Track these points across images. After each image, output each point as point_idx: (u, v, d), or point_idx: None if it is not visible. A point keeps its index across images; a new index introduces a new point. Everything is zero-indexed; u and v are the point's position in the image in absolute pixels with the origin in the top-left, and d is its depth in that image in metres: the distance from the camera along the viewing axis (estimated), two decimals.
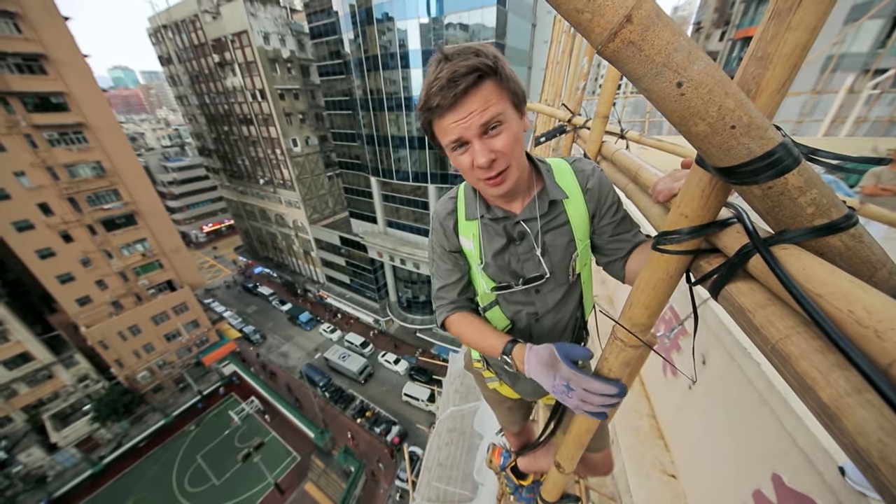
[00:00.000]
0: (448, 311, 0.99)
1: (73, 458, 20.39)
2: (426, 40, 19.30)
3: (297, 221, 32.27)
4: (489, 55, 0.66)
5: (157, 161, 44.28)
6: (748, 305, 0.38)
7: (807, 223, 0.36)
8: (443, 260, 0.98)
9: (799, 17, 0.33)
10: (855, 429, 0.26)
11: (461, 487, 3.60)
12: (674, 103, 0.35)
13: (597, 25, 0.34)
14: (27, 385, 20.70)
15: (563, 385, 0.68)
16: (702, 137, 0.36)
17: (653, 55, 0.34)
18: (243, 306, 33.49)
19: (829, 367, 0.29)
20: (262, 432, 21.63)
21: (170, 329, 24.63)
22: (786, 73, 0.35)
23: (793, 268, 0.34)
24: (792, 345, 0.32)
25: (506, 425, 1.43)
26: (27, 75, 18.01)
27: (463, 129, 0.67)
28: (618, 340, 0.62)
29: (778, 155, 0.34)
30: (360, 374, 23.34)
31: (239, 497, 18.25)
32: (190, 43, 30.46)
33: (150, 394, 24.16)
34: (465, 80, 0.63)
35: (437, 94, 0.64)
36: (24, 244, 18.67)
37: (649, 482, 2.19)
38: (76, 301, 20.99)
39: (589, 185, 0.86)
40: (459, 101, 0.65)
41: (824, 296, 0.31)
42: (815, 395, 0.29)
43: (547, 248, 0.88)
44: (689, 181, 0.45)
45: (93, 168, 20.88)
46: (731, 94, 0.34)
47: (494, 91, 0.66)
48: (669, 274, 0.51)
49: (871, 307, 0.28)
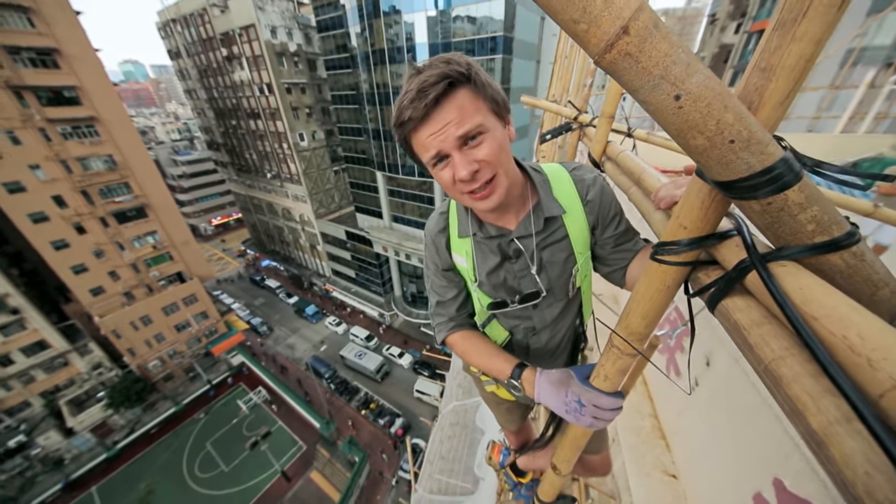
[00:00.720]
0: (448, 330, 0.97)
1: (89, 443, 21.13)
2: (433, 33, 19.09)
3: (304, 215, 32.52)
4: (461, 63, 0.61)
5: (166, 155, 44.87)
6: (744, 322, 0.38)
7: (807, 240, 0.35)
8: (437, 277, 0.96)
9: (804, 28, 0.31)
10: (842, 459, 0.25)
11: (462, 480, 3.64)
12: (671, 116, 0.34)
13: (593, 36, 0.33)
14: (44, 371, 21.42)
15: (574, 402, 0.68)
16: (700, 151, 0.35)
17: (650, 67, 0.33)
18: (251, 298, 34.04)
19: (820, 393, 0.28)
20: (269, 421, 22.12)
21: (180, 320, 25.18)
22: (789, 86, 0.34)
23: (789, 286, 0.34)
24: (785, 366, 0.31)
25: (504, 424, 1.44)
26: (41, 69, 18.30)
27: (440, 141, 0.62)
28: (615, 348, 0.62)
29: (778, 171, 0.33)
30: (377, 373, 23.25)
31: (247, 483, 18.75)
32: (198, 37, 30.59)
33: (161, 382, 24.82)
34: (434, 88, 0.59)
35: (409, 106, 0.60)
36: (40, 235, 19.16)
37: (650, 482, 2.19)
38: (90, 291, 21.54)
39: (589, 196, 0.82)
40: (432, 112, 0.61)
41: (820, 318, 0.30)
42: (804, 421, 0.29)
43: (544, 264, 0.84)
44: (689, 192, 0.44)
45: (105, 161, 21.24)
46: (730, 107, 0.33)
47: (470, 99, 0.62)
48: (667, 285, 0.50)
49: (865, 334, 0.27)
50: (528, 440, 1.60)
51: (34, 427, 20.89)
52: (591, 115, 1.89)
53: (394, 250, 25.75)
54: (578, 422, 0.70)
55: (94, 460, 20.06)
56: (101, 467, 20.14)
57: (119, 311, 22.12)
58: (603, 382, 0.67)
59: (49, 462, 19.88)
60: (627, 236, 0.84)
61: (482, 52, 18.94)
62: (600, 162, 1.41)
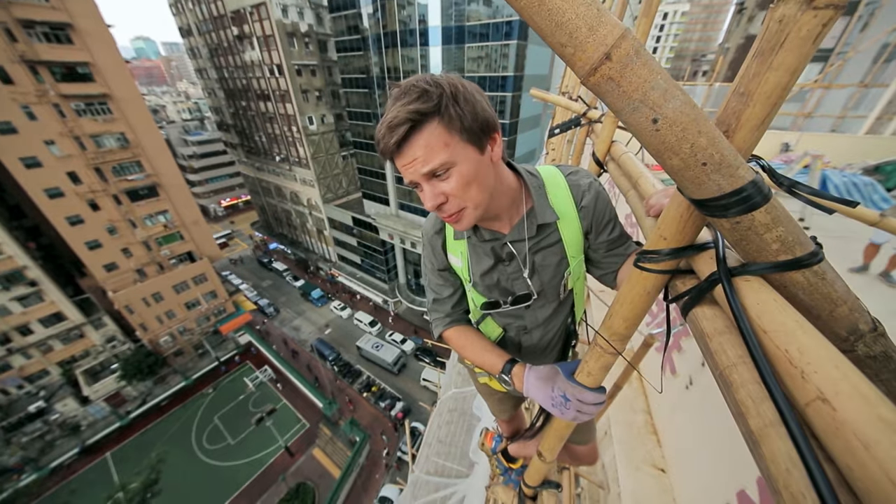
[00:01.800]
0: (444, 326, 1.01)
1: (103, 411, 22.16)
2: (447, 16, 18.61)
3: (311, 200, 32.67)
4: (432, 95, 0.60)
5: (177, 134, 45.08)
6: (708, 330, 0.41)
7: (771, 258, 0.38)
8: (434, 276, 0.99)
9: (780, 58, 0.33)
10: (770, 456, 0.29)
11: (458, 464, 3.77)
12: (650, 137, 0.37)
13: (579, 59, 0.36)
14: (61, 342, 22.35)
15: (560, 397, 0.72)
16: (675, 170, 0.38)
17: (630, 91, 0.35)
18: (258, 280, 34.69)
19: (761, 398, 0.31)
20: (273, 399, 22.89)
21: (190, 298, 25.87)
22: (765, 111, 0.36)
23: (749, 301, 0.36)
24: (736, 373, 0.34)
25: (497, 414, 1.50)
26: (55, 44, 18.37)
27: (409, 173, 0.66)
28: (598, 347, 0.65)
29: (746, 193, 0.36)
30: (394, 365, 22.89)
31: (252, 456, 19.59)
32: (209, 14, 30.24)
33: (171, 357, 25.72)
34: (398, 130, 0.60)
35: (381, 139, 0.63)
36: (56, 210, 19.64)
37: (638, 475, 2.25)
38: (104, 267, 22.17)
39: (584, 202, 0.83)
40: (401, 148, 0.63)
41: (769, 332, 0.33)
42: (745, 422, 0.31)
43: (536, 267, 0.87)
44: (671, 205, 0.47)
45: (117, 139, 21.49)
46: (704, 132, 0.35)
47: (437, 135, 0.62)
48: (647, 290, 0.53)
49: (804, 348, 0.30)
50: (519, 429, 1.66)
51: (53, 394, 21.96)
52: (600, 111, 1.87)
53: (399, 238, 25.86)
54: (563, 415, 0.74)
55: (109, 428, 21.10)
56: (114, 435, 21.20)
57: (131, 287, 22.80)
58: (587, 378, 0.71)
59: (67, 427, 20.96)
60: (620, 241, 0.86)
61: (497, 36, 18.43)
62: (604, 161, 1.42)
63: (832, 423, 0.25)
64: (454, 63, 19.69)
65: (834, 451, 0.26)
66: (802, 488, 0.25)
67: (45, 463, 19.15)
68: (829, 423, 0.26)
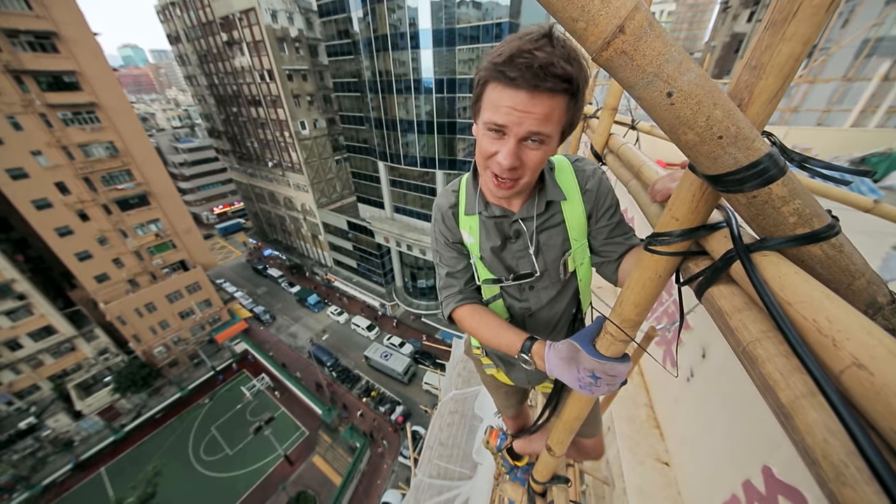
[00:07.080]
0: (456, 302, 0.97)
1: (97, 425, 21.67)
2: (437, 19, 18.67)
3: (306, 205, 32.48)
4: (584, 75, 0.61)
5: (167, 142, 44.58)
6: (727, 308, 0.40)
7: (788, 231, 0.37)
8: (447, 249, 1.00)
9: (793, 28, 0.33)
10: (804, 428, 0.28)
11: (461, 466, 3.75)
12: (664, 112, 0.36)
13: (591, 34, 0.35)
14: (52, 356, 21.82)
15: (588, 376, 0.67)
16: (690, 146, 0.37)
17: (644, 65, 0.34)
18: (253, 287, 34.30)
19: (790, 371, 0.31)
20: (272, 407, 22.57)
21: (184, 307, 25.46)
22: (778, 84, 0.35)
23: (769, 275, 0.36)
24: (761, 348, 0.34)
25: (502, 409, 1.48)
26: (40, 53, 18.08)
27: (511, 119, 0.62)
28: (608, 335, 0.64)
29: (763, 165, 0.35)
30: (404, 374, 22.13)
31: (251, 466, 19.27)
32: (198, 20, 30.03)
33: (166, 368, 25.27)
34: (553, 81, 0.57)
35: (521, 67, 0.56)
36: (44, 222, 19.24)
37: (643, 469, 2.25)
38: (94, 278, 21.74)
39: (588, 185, 0.86)
40: (533, 93, 0.58)
41: (794, 304, 0.32)
42: (774, 396, 0.31)
43: (541, 247, 0.89)
44: (682, 185, 0.46)
45: (106, 148, 21.16)
46: (719, 104, 0.34)
47: (562, 110, 0.62)
48: (659, 274, 0.53)
49: (833, 317, 0.29)
50: (524, 425, 1.65)
51: (44, 409, 21.43)
52: (595, 106, 1.88)
53: (395, 241, 25.77)
54: (594, 393, 0.69)
55: (103, 442, 20.60)
56: (109, 449, 20.70)
57: (124, 298, 22.38)
58: (608, 350, 0.67)
59: (59, 443, 20.45)
60: (621, 229, 0.87)
61: (487, 38, 18.54)
62: (602, 154, 1.42)
63: (871, 388, 0.25)
64: (445, 65, 19.73)
65: (875, 416, 0.25)
66: (843, 456, 0.25)
67: (38, 481, 18.65)
68: (867, 389, 0.25)
